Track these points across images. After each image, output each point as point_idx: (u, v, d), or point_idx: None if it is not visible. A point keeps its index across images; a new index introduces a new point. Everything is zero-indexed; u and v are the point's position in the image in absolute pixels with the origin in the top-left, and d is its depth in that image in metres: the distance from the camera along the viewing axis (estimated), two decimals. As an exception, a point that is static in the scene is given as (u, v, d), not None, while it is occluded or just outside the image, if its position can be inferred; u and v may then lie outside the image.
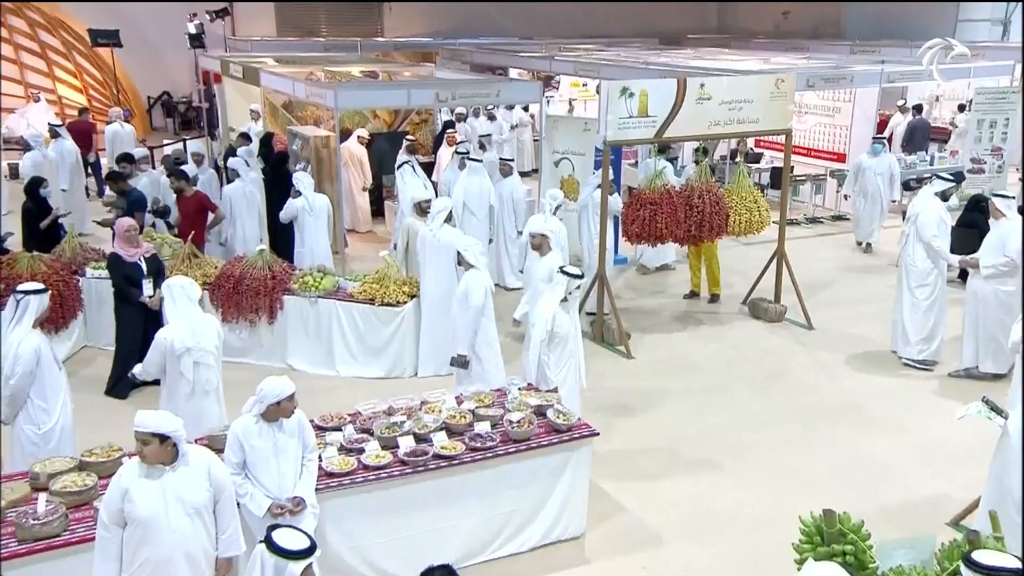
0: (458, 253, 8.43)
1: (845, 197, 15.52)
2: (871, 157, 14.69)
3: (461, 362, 8.23)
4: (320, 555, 4.40)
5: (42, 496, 5.51)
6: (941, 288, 10.17)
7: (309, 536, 4.21)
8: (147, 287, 9.17)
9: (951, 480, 7.64)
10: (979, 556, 3.62)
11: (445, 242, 9.57)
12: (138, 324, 9.20)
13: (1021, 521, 5.06)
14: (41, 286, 7.12)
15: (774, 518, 7.01)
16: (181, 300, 7.16)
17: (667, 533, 7.19)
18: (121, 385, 9.32)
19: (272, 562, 4.12)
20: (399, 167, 13.36)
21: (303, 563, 4.10)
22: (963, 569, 3.66)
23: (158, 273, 9.28)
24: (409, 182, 12.80)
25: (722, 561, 6.82)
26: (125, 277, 9.18)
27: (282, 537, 4.11)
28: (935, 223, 9.98)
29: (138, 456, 4.93)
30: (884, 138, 15.59)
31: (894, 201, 15.20)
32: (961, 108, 20.08)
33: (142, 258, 9.26)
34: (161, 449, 4.87)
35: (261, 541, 4.13)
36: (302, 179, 11.94)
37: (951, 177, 10.96)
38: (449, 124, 18.28)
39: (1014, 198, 9.60)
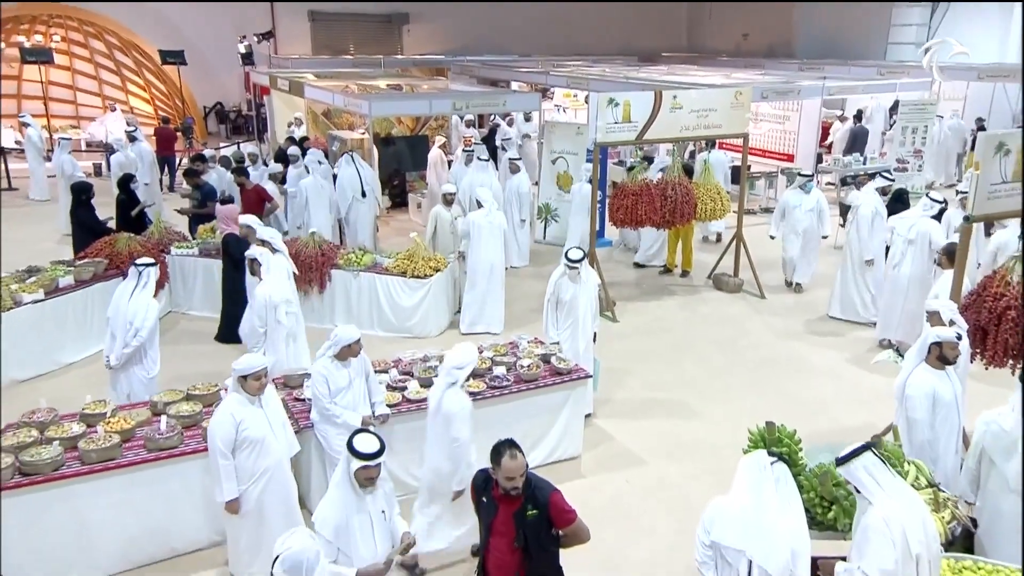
0: (262, 241, 8.32)
1: (771, 238, 12.31)
2: (800, 195, 12.00)
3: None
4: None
5: (164, 418, 6.09)
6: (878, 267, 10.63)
7: (380, 440, 4.57)
8: None
9: (875, 413, 8.07)
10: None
11: (496, 223, 10.27)
12: (242, 288, 9.65)
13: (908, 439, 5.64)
14: (153, 260, 7.55)
15: (732, 444, 7.35)
16: (275, 264, 7.71)
17: (647, 456, 7.70)
18: (228, 334, 9.71)
19: (347, 459, 4.49)
20: (341, 155, 13.59)
21: (374, 462, 4.47)
22: (836, 469, 4.30)
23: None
24: (344, 170, 12.81)
25: (691, 476, 7.34)
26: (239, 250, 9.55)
27: (361, 443, 4.49)
28: (870, 216, 10.51)
29: (248, 391, 5.40)
30: (812, 175, 12.66)
31: (824, 237, 12.29)
32: (848, 117, 20.40)
33: None
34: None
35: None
36: (314, 154, 13.24)
37: (892, 176, 11.42)
38: (493, 129, 18.84)
39: (942, 203, 9.91)
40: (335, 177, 12.95)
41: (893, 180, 11.27)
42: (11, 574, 5.58)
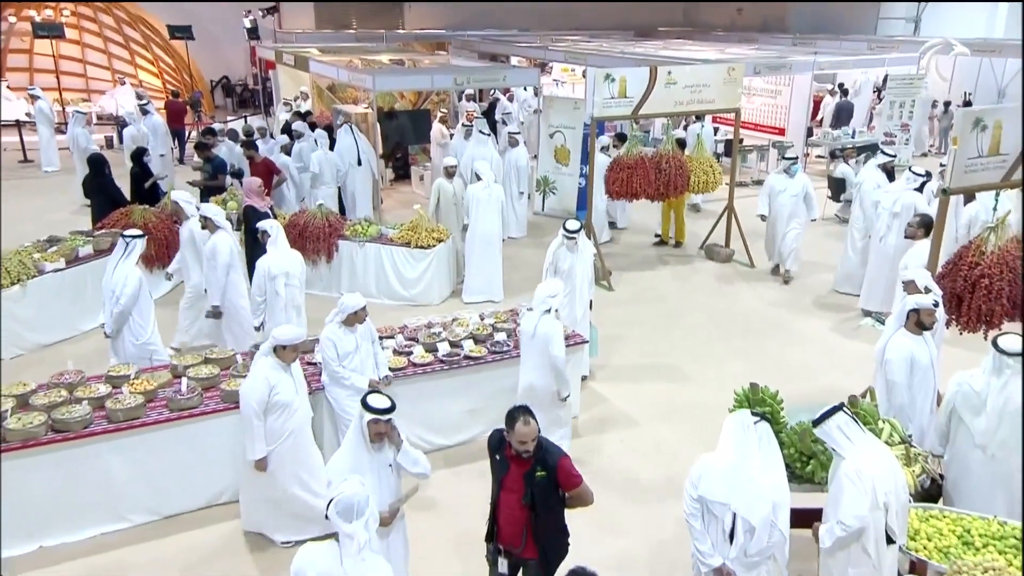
0: (204, 217, 8.15)
1: (762, 218, 11.55)
2: (784, 179, 11.25)
3: (215, 313, 8.10)
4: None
5: (185, 379, 6.29)
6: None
7: (391, 400, 4.76)
8: None
9: (855, 378, 8.19)
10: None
11: (494, 196, 10.42)
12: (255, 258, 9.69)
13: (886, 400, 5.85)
14: (140, 232, 7.59)
15: (721, 406, 7.47)
16: (278, 237, 7.81)
17: (640, 418, 7.90)
18: None
19: (360, 416, 4.69)
20: (340, 126, 13.88)
21: (384, 417, 4.66)
22: (813, 430, 4.50)
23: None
24: (342, 139, 13.16)
25: (682, 437, 7.54)
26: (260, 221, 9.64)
27: (374, 399, 4.69)
28: (872, 189, 10.53)
29: (284, 359, 5.60)
30: (796, 158, 11.88)
31: (813, 220, 11.63)
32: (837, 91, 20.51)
33: (268, 208, 9.77)
34: None
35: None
36: (302, 127, 13.44)
37: (892, 153, 11.49)
38: (494, 103, 18.86)
39: (925, 176, 9.96)
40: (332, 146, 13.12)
41: (894, 156, 11.30)
42: (41, 525, 5.82)
